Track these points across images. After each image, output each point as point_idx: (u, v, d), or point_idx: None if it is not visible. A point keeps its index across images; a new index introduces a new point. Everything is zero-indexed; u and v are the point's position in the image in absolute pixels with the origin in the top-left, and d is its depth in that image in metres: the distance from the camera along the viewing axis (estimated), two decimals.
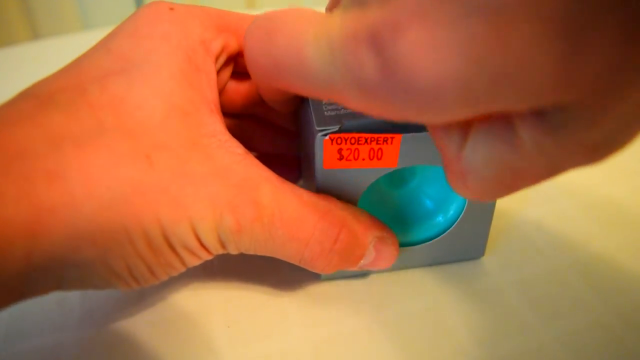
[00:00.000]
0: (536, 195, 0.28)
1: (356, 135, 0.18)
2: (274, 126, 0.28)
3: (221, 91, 0.25)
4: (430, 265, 0.24)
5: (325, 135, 0.18)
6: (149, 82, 0.17)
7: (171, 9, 0.20)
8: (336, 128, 0.18)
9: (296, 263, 0.19)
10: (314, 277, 0.23)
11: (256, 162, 0.19)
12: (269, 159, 0.29)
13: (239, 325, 0.22)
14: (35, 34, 0.89)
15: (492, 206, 0.22)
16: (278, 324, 0.22)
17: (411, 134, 0.19)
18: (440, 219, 0.23)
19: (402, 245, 0.22)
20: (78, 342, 0.21)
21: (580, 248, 0.25)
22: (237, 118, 0.27)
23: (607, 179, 0.30)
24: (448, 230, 0.22)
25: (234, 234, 0.18)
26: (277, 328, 0.21)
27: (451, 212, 0.23)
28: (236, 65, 0.24)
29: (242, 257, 0.25)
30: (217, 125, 0.19)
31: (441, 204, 0.23)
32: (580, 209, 0.27)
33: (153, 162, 0.16)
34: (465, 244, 0.23)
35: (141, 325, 0.22)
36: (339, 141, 0.19)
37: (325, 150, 0.19)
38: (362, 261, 0.20)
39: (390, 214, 0.23)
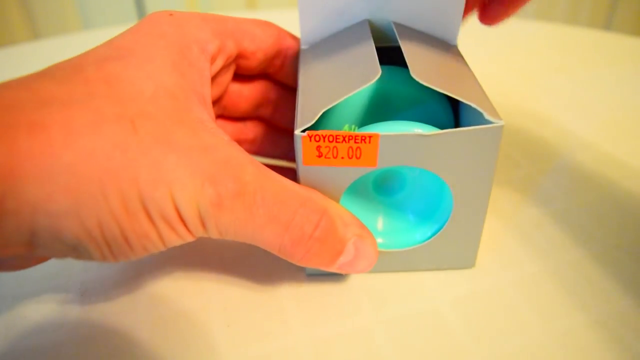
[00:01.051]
0: (536, 195, 0.28)
1: (334, 133, 0.19)
2: (278, 128, 0.28)
3: (223, 94, 0.25)
4: (413, 270, 0.24)
5: (304, 132, 0.19)
6: (142, 66, 0.18)
7: (171, 14, 0.21)
8: (312, 121, 0.19)
9: (275, 251, 0.19)
10: (315, 277, 0.23)
11: (241, 148, 0.19)
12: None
13: (239, 325, 0.22)
14: (35, 34, 0.89)
15: (482, 217, 0.22)
16: (278, 323, 0.22)
17: (389, 134, 0.19)
18: (417, 237, 0.23)
19: (386, 248, 0.23)
20: (78, 341, 0.21)
21: (580, 248, 0.25)
22: (241, 121, 0.27)
23: (607, 179, 0.30)
24: (430, 238, 0.22)
25: (214, 208, 0.17)
26: (277, 328, 0.21)
27: (429, 233, 0.23)
28: (238, 68, 0.24)
29: (242, 256, 0.25)
30: (204, 115, 0.19)
31: (422, 221, 0.23)
32: (580, 209, 0.27)
33: (137, 127, 0.17)
34: (451, 253, 0.23)
35: (141, 325, 0.22)
36: (317, 138, 0.19)
37: (304, 148, 0.19)
38: (340, 258, 0.20)
39: (374, 219, 0.24)
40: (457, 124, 0.25)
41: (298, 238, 0.19)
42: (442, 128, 0.19)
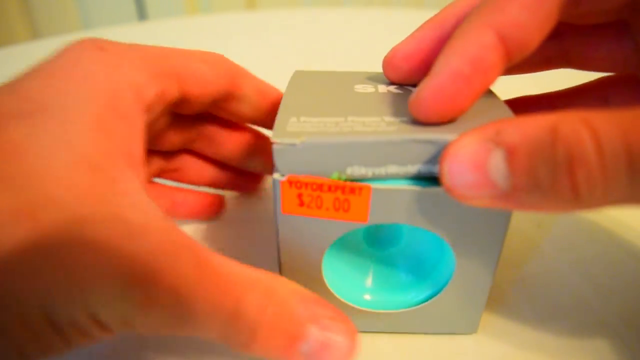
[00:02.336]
0: None
1: (318, 180, 0.16)
2: (207, 159, 0.26)
3: (157, 134, 0.22)
4: (404, 332, 0.21)
5: (283, 176, 0.16)
6: (54, 129, 0.15)
7: (101, 48, 0.17)
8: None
9: (218, 341, 0.16)
10: None
11: (177, 227, 0.16)
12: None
13: None
14: (35, 34, 0.89)
15: (488, 282, 0.19)
16: None
17: (383, 187, 0.16)
18: (410, 298, 0.20)
19: (374, 307, 0.20)
20: None
21: (581, 248, 0.25)
22: (174, 154, 0.25)
23: None
24: (425, 302, 0.20)
25: (141, 310, 0.14)
26: None
27: (423, 296, 0.20)
28: (177, 109, 0.21)
29: (243, 255, 0.25)
30: (133, 184, 0.16)
31: (418, 281, 0.21)
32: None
33: (39, 221, 0.13)
34: (449, 319, 0.20)
35: None
36: (298, 185, 0.16)
37: (284, 194, 0.17)
38: (303, 345, 0.16)
39: (362, 274, 0.21)
40: None
41: (242, 328, 0.15)
42: None
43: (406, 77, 0.20)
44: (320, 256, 0.19)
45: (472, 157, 0.14)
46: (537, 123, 0.13)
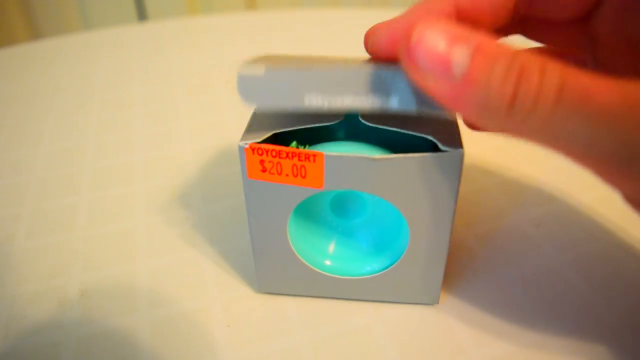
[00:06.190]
0: (536, 195, 0.28)
1: (277, 148, 0.18)
2: None
3: None
4: (376, 300, 0.22)
5: (246, 144, 0.18)
6: None
7: None
8: (259, 139, 0.18)
9: None
10: None
11: None
12: None
13: (239, 325, 0.22)
14: (35, 34, 0.89)
15: (443, 252, 0.20)
16: (278, 324, 0.22)
17: (335, 154, 0.18)
18: (368, 268, 0.22)
19: (333, 273, 0.22)
20: (78, 341, 0.21)
21: (581, 247, 0.25)
22: None
23: None
24: (381, 272, 0.21)
25: None
26: (277, 328, 0.21)
27: (381, 266, 0.21)
28: None
29: (242, 255, 0.25)
30: None
31: (376, 252, 0.22)
32: (580, 209, 0.27)
33: None
34: (408, 288, 0.22)
35: (141, 325, 0.22)
36: (259, 152, 0.18)
37: (247, 160, 0.19)
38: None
39: (326, 241, 0.23)
40: None
41: None
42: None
43: (379, 51, 0.21)
44: (284, 220, 0.20)
45: (447, 35, 0.15)
46: (504, 45, 0.15)
